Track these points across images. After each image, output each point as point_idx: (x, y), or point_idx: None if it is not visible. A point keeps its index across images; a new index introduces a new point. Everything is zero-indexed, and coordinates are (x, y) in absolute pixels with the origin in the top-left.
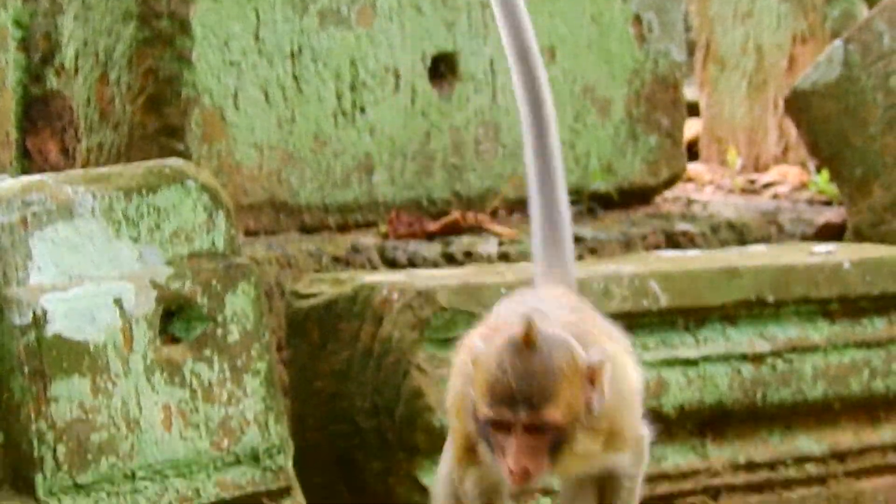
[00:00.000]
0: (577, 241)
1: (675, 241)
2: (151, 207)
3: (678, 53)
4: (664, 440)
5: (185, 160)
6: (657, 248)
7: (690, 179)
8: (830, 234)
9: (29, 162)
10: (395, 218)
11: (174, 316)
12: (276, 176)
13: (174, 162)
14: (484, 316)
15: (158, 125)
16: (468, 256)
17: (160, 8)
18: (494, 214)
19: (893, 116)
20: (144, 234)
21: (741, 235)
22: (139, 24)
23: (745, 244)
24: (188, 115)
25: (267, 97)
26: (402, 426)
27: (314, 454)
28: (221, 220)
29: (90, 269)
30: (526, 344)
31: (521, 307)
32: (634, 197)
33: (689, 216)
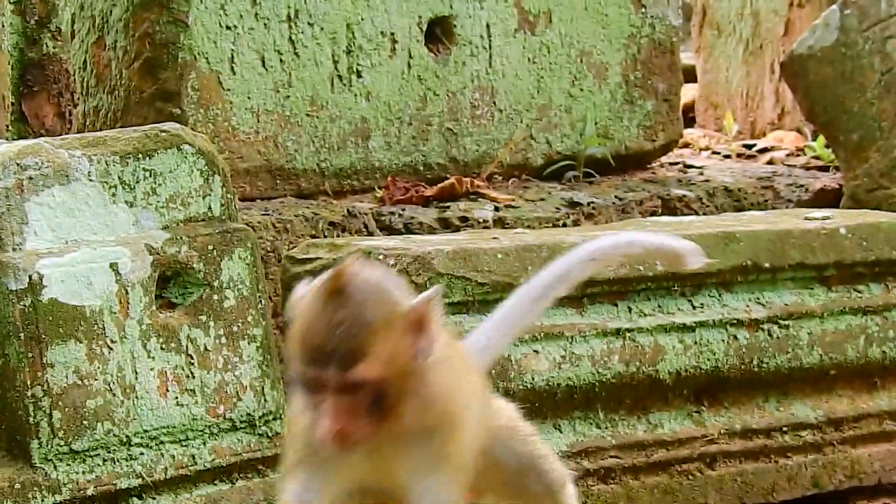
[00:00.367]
0: (573, 205)
1: (671, 206)
2: (147, 172)
3: (675, 18)
4: (660, 407)
5: (181, 125)
6: (653, 213)
7: (687, 145)
8: (826, 199)
9: (25, 125)
10: (391, 183)
11: (170, 281)
12: (272, 141)
13: (170, 126)
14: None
15: (155, 89)
16: (464, 222)
17: None
18: (490, 179)
19: (890, 81)
20: (140, 198)
21: (737, 201)
22: None
23: (741, 210)
24: (184, 79)
25: (263, 61)
26: None
27: None
28: (217, 184)
29: (86, 233)
30: (334, 292)
31: None
32: (631, 162)
33: (685, 181)
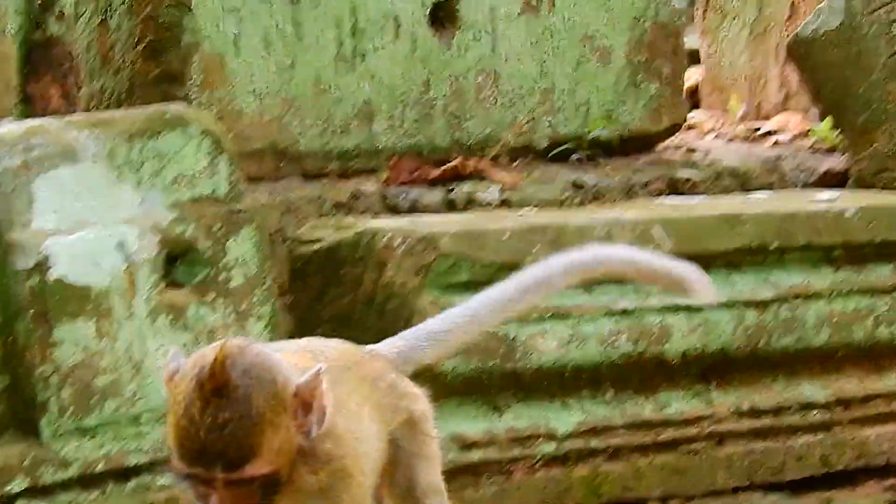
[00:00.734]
0: (578, 187)
1: (677, 188)
2: (153, 152)
3: (679, 1)
4: (668, 387)
5: (187, 105)
6: (659, 195)
7: (692, 127)
8: (833, 181)
9: (30, 107)
10: (396, 164)
11: (177, 261)
12: (276, 123)
13: (176, 107)
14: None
15: (159, 72)
16: (470, 203)
17: None
18: (495, 161)
19: None
20: (146, 178)
21: (743, 183)
22: None
23: (747, 192)
24: (188, 61)
25: (267, 44)
26: None
27: None
28: (223, 165)
29: (93, 213)
30: (215, 389)
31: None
32: (636, 144)
33: (691, 163)
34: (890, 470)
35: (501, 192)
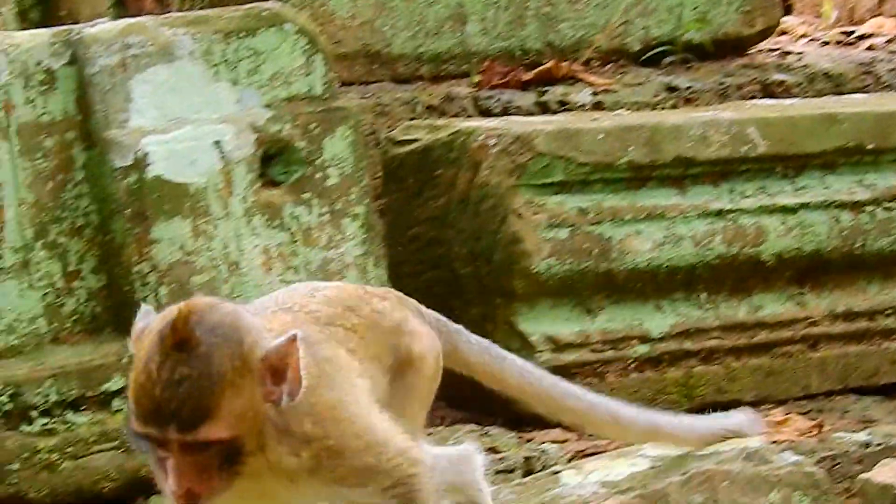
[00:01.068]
0: (671, 90)
1: (770, 90)
2: (250, 50)
3: None
4: (762, 289)
5: (282, 3)
6: (753, 98)
7: (784, 32)
8: None
9: (124, 10)
10: (488, 67)
11: (273, 159)
12: (369, 25)
13: (272, 5)
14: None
15: None
16: (562, 106)
17: None
18: (587, 64)
19: None
20: (243, 76)
21: (837, 86)
22: None
23: (841, 95)
24: None
25: None
26: (499, 272)
27: None
28: (319, 63)
29: (190, 111)
30: (177, 342)
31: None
32: (729, 48)
33: (784, 66)
34: None
35: (594, 95)
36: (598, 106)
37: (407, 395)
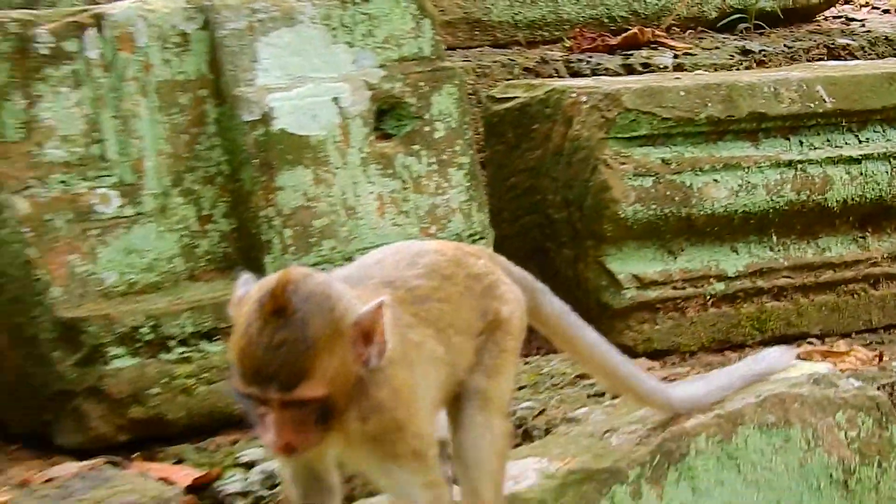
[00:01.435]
0: (745, 53)
1: (835, 54)
2: (365, 15)
3: None
4: (828, 232)
5: None
6: (819, 60)
7: (848, 1)
8: None
9: None
10: (578, 34)
11: (386, 114)
12: None
13: None
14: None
15: None
16: (646, 68)
17: None
18: (669, 31)
19: None
20: (359, 39)
21: None
22: None
23: None
24: None
25: None
26: (589, 217)
27: (509, 245)
28: (427, 27)
29: (310, 71)
30: (275, 310)
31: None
32: (797, 15)
33: (848, 32)
34: None
35: (674, 58)
36: (678, 68)
37: (498, 354)
